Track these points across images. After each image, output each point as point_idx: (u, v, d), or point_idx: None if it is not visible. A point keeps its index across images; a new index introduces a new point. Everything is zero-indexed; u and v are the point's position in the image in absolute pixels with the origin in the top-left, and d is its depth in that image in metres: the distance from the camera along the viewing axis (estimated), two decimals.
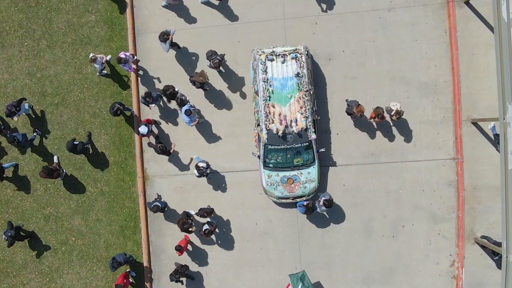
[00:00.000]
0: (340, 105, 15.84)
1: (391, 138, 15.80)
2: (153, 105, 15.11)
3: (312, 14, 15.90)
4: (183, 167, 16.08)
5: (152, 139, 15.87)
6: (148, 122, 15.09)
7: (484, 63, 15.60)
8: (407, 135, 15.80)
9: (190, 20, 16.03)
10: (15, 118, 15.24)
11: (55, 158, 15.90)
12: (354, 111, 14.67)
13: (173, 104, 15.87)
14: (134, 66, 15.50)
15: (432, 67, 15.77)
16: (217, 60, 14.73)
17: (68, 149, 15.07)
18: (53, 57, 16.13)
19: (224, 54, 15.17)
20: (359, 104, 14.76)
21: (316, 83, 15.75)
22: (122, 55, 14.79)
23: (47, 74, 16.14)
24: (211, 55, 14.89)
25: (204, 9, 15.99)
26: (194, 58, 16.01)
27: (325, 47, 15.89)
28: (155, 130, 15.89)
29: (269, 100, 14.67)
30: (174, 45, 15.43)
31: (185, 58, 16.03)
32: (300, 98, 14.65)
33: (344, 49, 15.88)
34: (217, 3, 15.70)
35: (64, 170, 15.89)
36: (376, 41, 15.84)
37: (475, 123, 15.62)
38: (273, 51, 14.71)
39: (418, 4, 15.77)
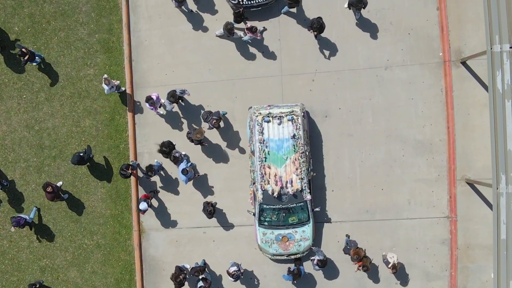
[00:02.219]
0: (336, 162, 15.95)
1: (386, 195, 15.90)
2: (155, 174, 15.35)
3: (309, 71, 16.00)
4: (179, 221, 16.17)
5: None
6: (147, 198, 15.19)
7: (480, 123, 15.70)
8: (402, 193, 15.91)
9: (188, 75, 16.14)
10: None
11: (60, 182, 16.03)
12: (351, 253, 14.81)
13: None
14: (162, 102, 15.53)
15: (428, 126, 15.88)
16: (215, 120, 14.83)
17: (74, 163, 15.18)
18: (52, 110, 16.24)
19: (218, 111, 15.25)
20: (358, 248, 14.87)
21: (312, 139, 15.86)
22: (153, 96, 14.89)
23: (45, 127, 16.25)
24: (206, 117, 14.98)
25: (202, 64, 16.10)
26: (191, 112, 16.10)
27: (322, 104, 15.99)
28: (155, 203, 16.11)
29: (265, 161, 14.78)
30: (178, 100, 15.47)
31: (183, 112, 16.12)
32: (296, 159, 14.75)
33: (341, 106, 15.99)
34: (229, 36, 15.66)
35: (66, 195, 16.03)
36: (372, 99, 15.94)
37: (469, 183, 15.73)
38: (270, 113, 14.82)
39: (414, 63, 15.87)
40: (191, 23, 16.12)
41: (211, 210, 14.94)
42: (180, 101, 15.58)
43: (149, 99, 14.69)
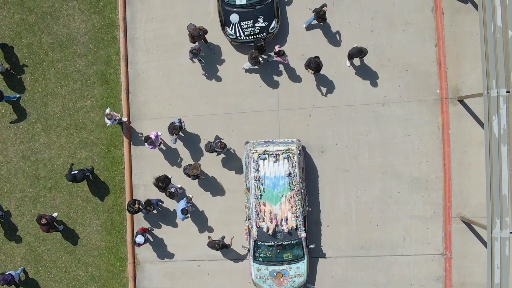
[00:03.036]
0: (331, 197, 15.95)
1: (381, 231, 15.90)
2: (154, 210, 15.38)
3: (306, 106, 15.99)
4: (174, 254, 16.17)
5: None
6: (144, 231, 15.18)
7: (476, 161, 15.69)
8: (397, 229, 15.91)
9: (185, 108, 16.13)
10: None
11: (55, 214, 16.01)
12: None
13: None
14: (161, 140, 15.51)
15: (424, 163, 15.87)
16: (220, 142, 14.74)
17: (69, 180, 15.20)
18: (48, 141, 16.24)
19: (217, 136, 15.27)
20: None
21: (308, 174, 15.86)
22: (152, 135, 14.89)
23: (41, 158, 16.25)
24: (210, 146, 14.91)
25: (199, 97, 16.10)
26: (187, 145, 16.09)
27: (318, 139, 15.99)
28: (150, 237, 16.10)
29: (260, 198, 14.78)
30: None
31: (179, 145, 16.11)
32: (291, 197, 14.75)
33: (337, 142, 15.99)
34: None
35: (61, 226, 15.99)
36: (369, 135, 15.94)
37: (465, 221, 15.73)
38: (266, 150, 14.82)
39: (412, 99, 15.87)
40: (189, 55, 16.08)
41: (218, 246, 14.90)
42: (180, 132, 15.48)
43: (147, 139, 14.67)
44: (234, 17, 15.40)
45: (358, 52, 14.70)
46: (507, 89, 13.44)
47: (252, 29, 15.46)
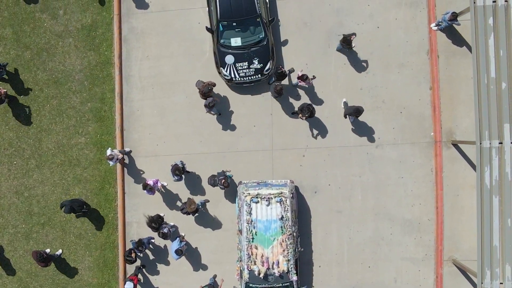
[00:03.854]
0: (324, 238, 15.98)
1: (372, 272, 15.93)
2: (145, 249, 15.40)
3: (300, 147, 16.02)
4: None
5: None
6: (133, 280, 15.18)
7: (469, 205, 15.72)
8: (389, 271, 15.93)
9: (179, 146, 16.16)
10: None
11: (47, 250, 16.01)
12: None
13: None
14: (160, 187, 15.55)
15: (417, 205, 15.90)
16: (223, 179, 14.74)
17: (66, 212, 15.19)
18: (42, 177, 16.26)
19: (222, 171, 15.26)
20: None
21: (301, 215, 15.89)
22: (150, 182, 14.92)
23: (35, 194, 16.27)
24: (213, 182, 14.90)
25: (193, 136, 16.13)
26: (181, 183, 16.10)
27: (311, 179, 16.01)
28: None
29: (252, 241, 14.80)
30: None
31: (172, 183, 16.12)
32: (283, 241, 14.78)
33: (331, 182, 16.01)
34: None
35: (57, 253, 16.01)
36: (362, 177, 15.96)
37: (456, 265, 15.76)
38: (258, 194, 14.84)
39: (405, 142, 15.89)
40: (184, 95, 16.13)
41: None
42: (183, 173, 15.36)
43: (146, 186, 14.70)
44: (229, 59, 15.41)
45: (355, 111, 14.72)
46: (499, 140, 13.49)
47: (247, 70, 15.48)
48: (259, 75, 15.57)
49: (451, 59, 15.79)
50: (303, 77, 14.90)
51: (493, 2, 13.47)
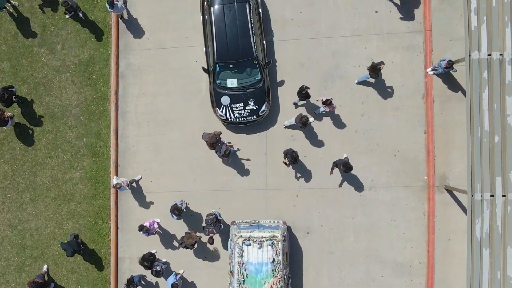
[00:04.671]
0: (315, 279, 16.04)
1: None
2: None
3: (293, 187, 16.08)
4: None
5: None
6: None
7: (460, 250, 15.77)
8: None
9: (173, 183, 16.22)
10: None
11: (45, 267, 16.04)
12: None
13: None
14: (157, 228, 15.61)
15: (409, 248, 15.96)
16: (212, 217, 14.92)
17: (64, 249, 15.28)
18: (35, 210, 16.32)
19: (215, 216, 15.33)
20: None
21: (292, 255, 15.96)
22: (146, 223, 14.98)
23: (28, 227, 16.33)
24: (210, 223, 15.02)
25: (187, 173, 16.18)
26: (174, 220, 16.14)
27: (304, 220, 16.07)
28: None
29: (243, 283, 14.87)
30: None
31: (166, 220, 16.17)
32: (274, 284, 14.84)
33: (323, 223, 16.07)
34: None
35: (53, 284, 16.06)
36: (355, 218, 16.03)
37: None
38: (251, 236, 14.89)
39: (399, 185, 15.96)
40: (180, 132, 16.19)
41: None
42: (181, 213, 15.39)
43: (142, 228, 14.75)
44: (225, 99, 15.48)
45: (343, 165, 14.74)
46: (491, 193, 13.55)
47: (243, 111, 15.55)
48: (255, 116, 15.64)
49: (446, 103, 15.86)
50: (327, 102, 14.90)
51: (488, 55, 13.55)
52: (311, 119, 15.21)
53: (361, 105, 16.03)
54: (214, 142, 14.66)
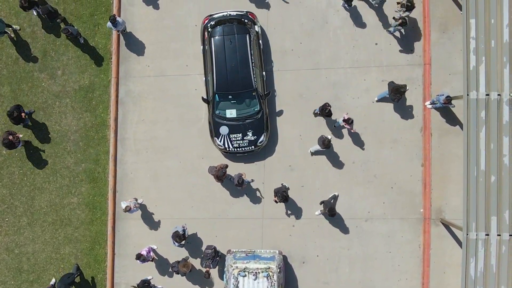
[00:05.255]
0: None
1: None
2: None
3: (290, 217, 16.13)
4: None
5: None
6: None
7: (455, 283, 15.84)
8: None
9: (170, 210, 16.28)
10: None
11: (52, 280, 16.11)
12: None
13: None
14: (153, 256, 15.66)
15: (403, 280, 16.02)
16: (211, 251, 15.13)
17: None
18: (33, 235, 16.38)
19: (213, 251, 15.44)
20: None
21: (287, 285, 16.03)
22: (143, 252, 15.05)
23: (25, 251, 16.39)
24: (208, 257, 15.08)
25: (185, 201, 16.25)
26: (169, 246, 16.20)
27: (300, 250, 16.14)
28: None
29: None
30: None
31: (162, 246, 16.25)
32: None
33: (319, 253, 16.13)
34: None
35: None
36: (350, 249, 16.09)
37: None
38: (246, 267, 14.95)
39: (395, 217, 16.02)
40: (178, 160, 16.26)
41: None
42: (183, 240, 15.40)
43: (140, 257, 14.81)
44: (224, 130, 15.55)
45: (329, 210, 14.76)
46: (486, 232, 13.62)
47: (241, 141, 15.62)
48: (253, 147, 15.71)
49: (444, 137, 15.93)
50: (348, 121, 15.01)
51: (486, 95, 13.61)
52: (329, 136, 15.25)
53: (360, 136, 16.08)
54: (221, 175, 14.74)
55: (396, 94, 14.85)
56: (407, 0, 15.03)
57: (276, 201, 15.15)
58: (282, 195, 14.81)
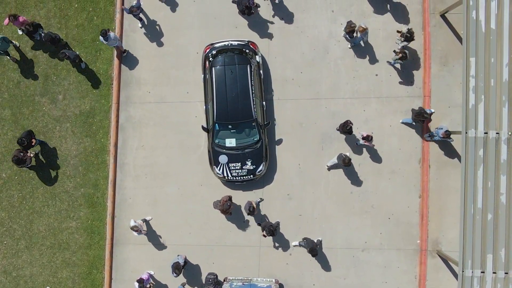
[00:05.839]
0: None
1: None
2: None
3: (287, 245, 16.20)
4: None
5: None
6: None
7: None
8: None
9: (168, 236, 16.34)
10: None
11: None
12: None
13: None
14: (151, 283, 15.69)
15: None
16: (213, 277, 15.27)
17: None
18: (31, 258, 16.44)
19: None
20: None
21: None
22: (144, 276, 15.14)
23: (23, 274, 16.46)
24: (210, 283, 15.14)
25: (183, 227, 16.31)
26: (166, 271, 16.26)
27: (296, 278, 16.20)
28: None
29: None
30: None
31: (160, 272, 16.30)
32: None
33: (315, 282, 16.19)
34: None
35: None
36: (347, 279, 16.15)
37: None
38: None
39: (392, 247, 16.08)
40: (177, 186, 16.33)
41: None
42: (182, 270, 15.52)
43: (141, 281, 14.85)
44: (223, 158, 15.62)
45: (310, 250, 14.82)
46: (482, 269, 13.68)
47: (240, 171, 15.69)
48: (252, 176, 15.78)
49: (442, 169, 15.99)
50: (368, 138, 15.09)
51: (485, 133, 13.68)
52: (348, 153, 15.38)
53: (358, 167, 16.16)
54: (226, 209, 14.81)
55: (419, 117, 15.07)
56: (407, 31, 15.13)
57: (264, 236, 15.21)
58: (269, 229, 14.87)
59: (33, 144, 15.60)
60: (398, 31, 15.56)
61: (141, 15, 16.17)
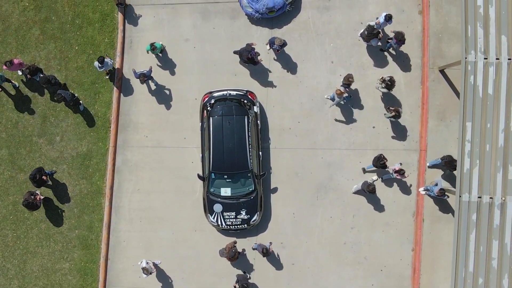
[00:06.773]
0: None
1: None
2: None
3: (281, 282, 16.28)
4: None
5: None
6: None
7: None
8: None
9: (162, 279, 16.40)
10: None
11: None
12: None
13: None
14: None
15: None
16: None
17: None
18: None
19: None
20: None
21: None
22: None
23: None
24: None
25: (176, 272, 16.37)
26: None
27: None
28: None
29: None
30: None
31: None
32: None
33: None
34: None
35: None
36: None
37: None
38: None
39: None
40: (171, 231, 16.38)
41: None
42: None
43: None
44: (218, 207, 15.68)
45: None
46: None
47: (234, 220, 15.75)
48: (246, 225, 15.84)
49: (435, 223, 16.05)
50: (400, 172, 15.15)
51: (479, 197, 13.73)
52: (373, 181, 15.56)
53: (352, 218, 16.22)
54: (232, 256, 14.87)
55: (449, 166, 15.18)
56: (389, 78, 15.08)
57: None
58: (242, 285, 14.91)
59: (44, 179, 15.59)
60: (381, 77, 15.44)
61: (149, 82, 16.23)
